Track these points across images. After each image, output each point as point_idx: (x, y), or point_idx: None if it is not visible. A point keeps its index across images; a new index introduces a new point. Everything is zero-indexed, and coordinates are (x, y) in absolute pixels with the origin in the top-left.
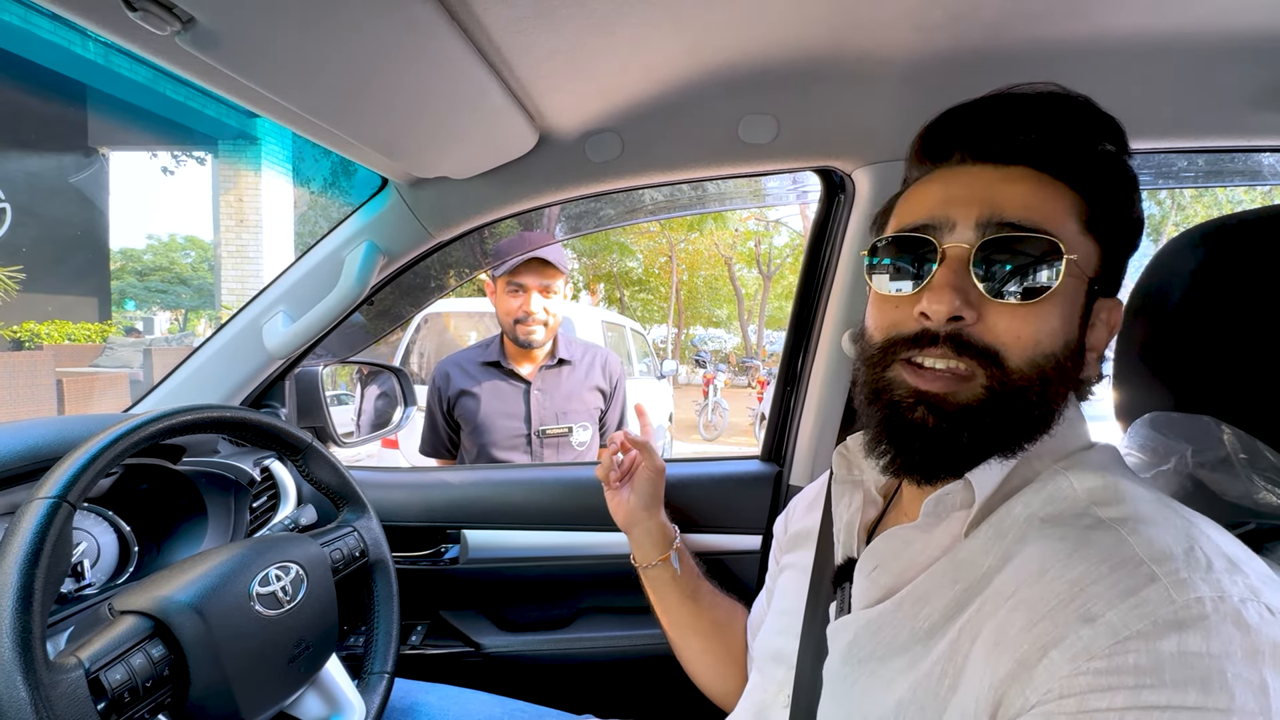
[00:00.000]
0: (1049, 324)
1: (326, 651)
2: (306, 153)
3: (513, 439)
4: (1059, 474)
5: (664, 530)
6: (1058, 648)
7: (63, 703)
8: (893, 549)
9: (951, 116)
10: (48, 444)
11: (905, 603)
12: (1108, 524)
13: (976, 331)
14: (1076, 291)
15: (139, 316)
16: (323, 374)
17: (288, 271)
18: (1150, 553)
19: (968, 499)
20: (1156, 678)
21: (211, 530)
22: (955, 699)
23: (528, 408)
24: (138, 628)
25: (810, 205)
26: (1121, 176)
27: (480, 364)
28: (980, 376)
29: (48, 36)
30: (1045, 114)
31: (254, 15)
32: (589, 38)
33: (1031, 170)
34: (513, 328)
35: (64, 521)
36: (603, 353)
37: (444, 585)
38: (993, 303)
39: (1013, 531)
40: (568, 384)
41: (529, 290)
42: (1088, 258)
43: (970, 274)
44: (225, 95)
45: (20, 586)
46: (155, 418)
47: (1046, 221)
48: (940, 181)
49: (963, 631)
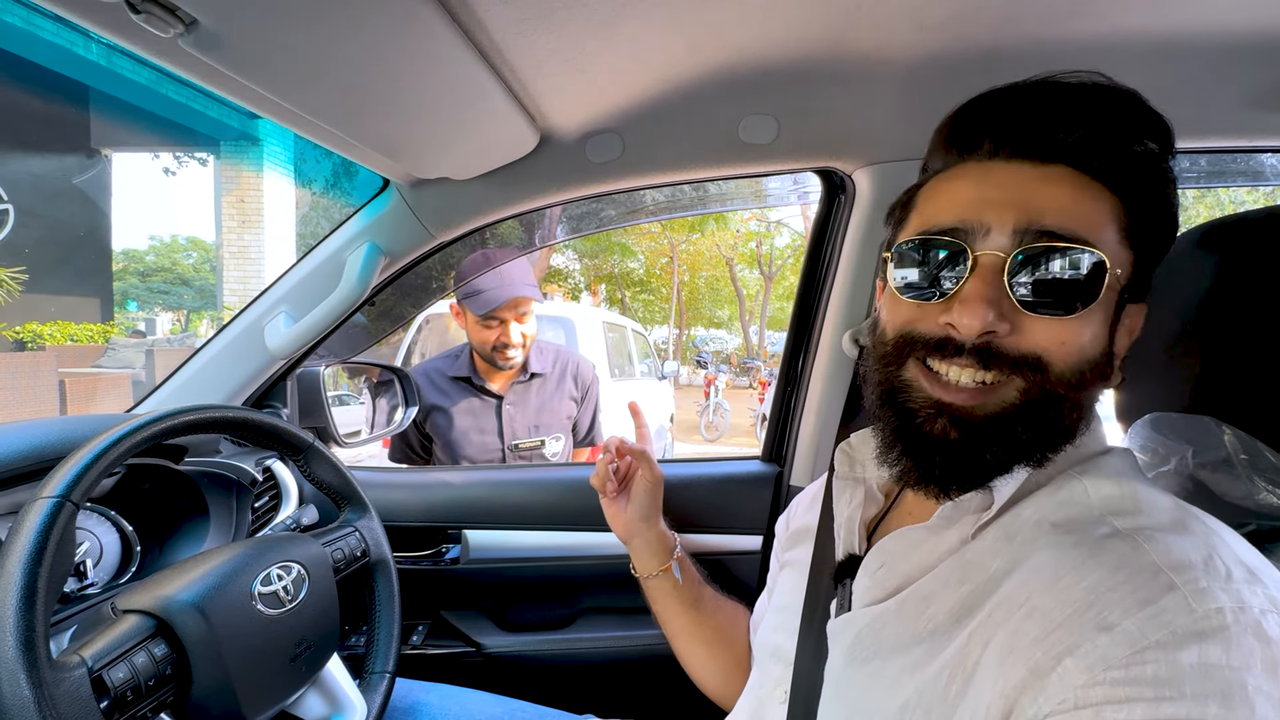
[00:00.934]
0: (1091, 331)
1: (328, 651)
2: (308, 154)
3: (486, 454)
4: (1073, 478)
5: (664, 539)
6: (1073, 656)
7: (66, 701)
8: (902, 549)
9: (985, 104)
10: (50, 444)
11: (909, 602)
12: (1124, 533)
13: (1011, 342)
14: (1111, 300)
15: (141, 317)
16: (324, 374)
17: (289, 272)
18: (1168, 561)
19: (984, 503)
20: (1176, 689)
21: (213, 530)
22: (964, 704)
23: (500, 423)
24: (140, 627)
25: (812, 206)
26: (1163, 180)
27: (450, 379)
28: (1016, 381)
29: (50, 38)
30: (1090, 109)
31: (256, 17)
32: (590, 38)
33: (1071, 170)
34: (490, 354)
35: (67, 521)
36: (574, 360)
37: (445, 585)
38: (1029, 315)
39: (1021, 535)
40: (539, 397)
41: (506, 322)
42: (1125, 266)
43: (1005, 284)
44: (227, 96)
45: (24, 585)
46: (157, 418)
47: (1088, 230)
48: (972, 179)
49: (973, 637)
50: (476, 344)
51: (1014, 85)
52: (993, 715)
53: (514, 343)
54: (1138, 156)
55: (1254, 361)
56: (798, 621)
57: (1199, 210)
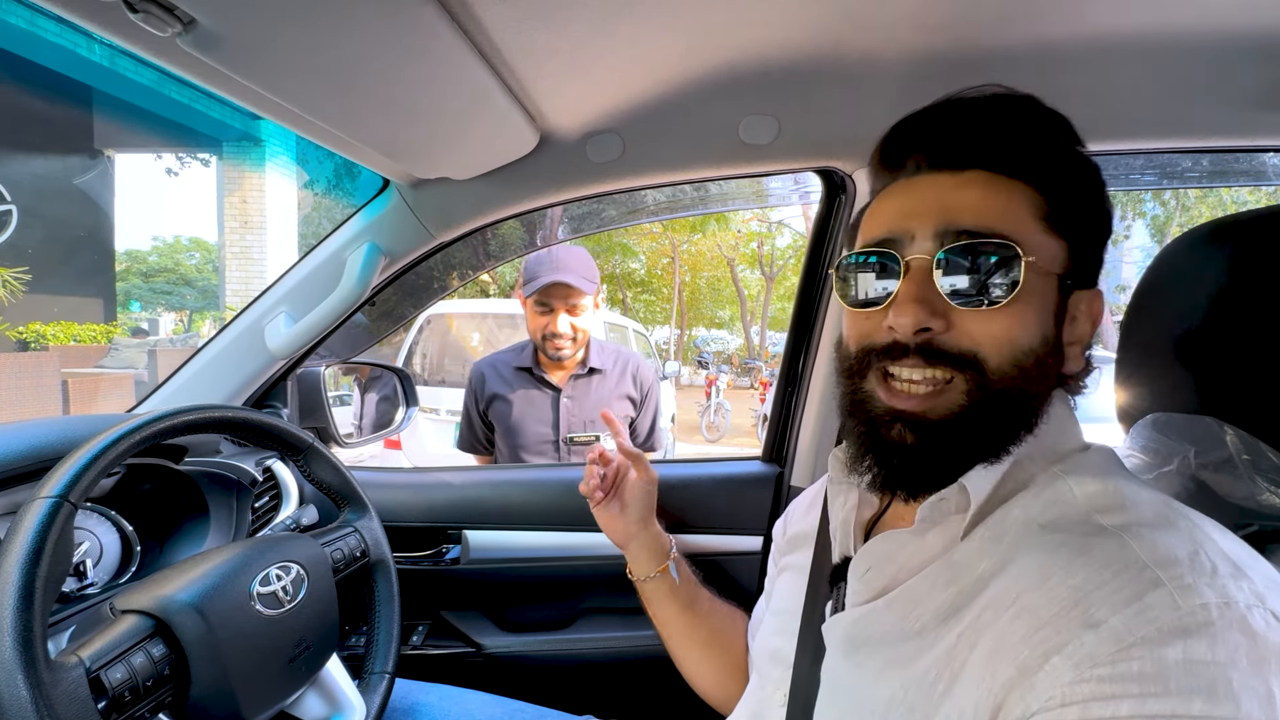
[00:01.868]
0: (1022, 321)
1: (327, 651)
2: (310, 154)
3: (542, 444)
4: (1057, 478)
5: (660, 541)
6: (1060, 654)
7: (63, 701)
8: (887, 551)
9: (904, 126)
10: (50, 444)
11: (896, 602)
12: (1110, 530)
13: (949, 338)
14: (1046, 288)
15: (144, 317)
16: (325, 374)
17: (290, 272)
18: (1154, 557)
19: (963, 503)
20: (1161, 685)
21: (213, 530)
22: (949, 702)
23: (556, 415)
24: (139, 627)
25: (813, 206)
26: (1078, 169)
27: (514, 368)
28: (959, 382)
29: (52, 39)
30: (993, 115)
31: (255, 16)
32: (590, 38)
33: (985, 173)
34: (541, 344)
35: (65, 521)
36: (635, 360)
37: (445, 585)
38: (961, 310)
39: (1009, 536)
40: (598, 392)
41: (556, 310)
42: (1052, 254)
43: (934, 284)
44: (227, 96)
45: (21, 585)
46: (157, 418)
47: (1001, 223)
48: (899, 193)
49: (961, 638)
50: (530, 330)
51: (927, 108)
52: (981, 714)
53: (562, 334)
54: (1045, 149)
55: (1259, 362)
56: (796, 624)
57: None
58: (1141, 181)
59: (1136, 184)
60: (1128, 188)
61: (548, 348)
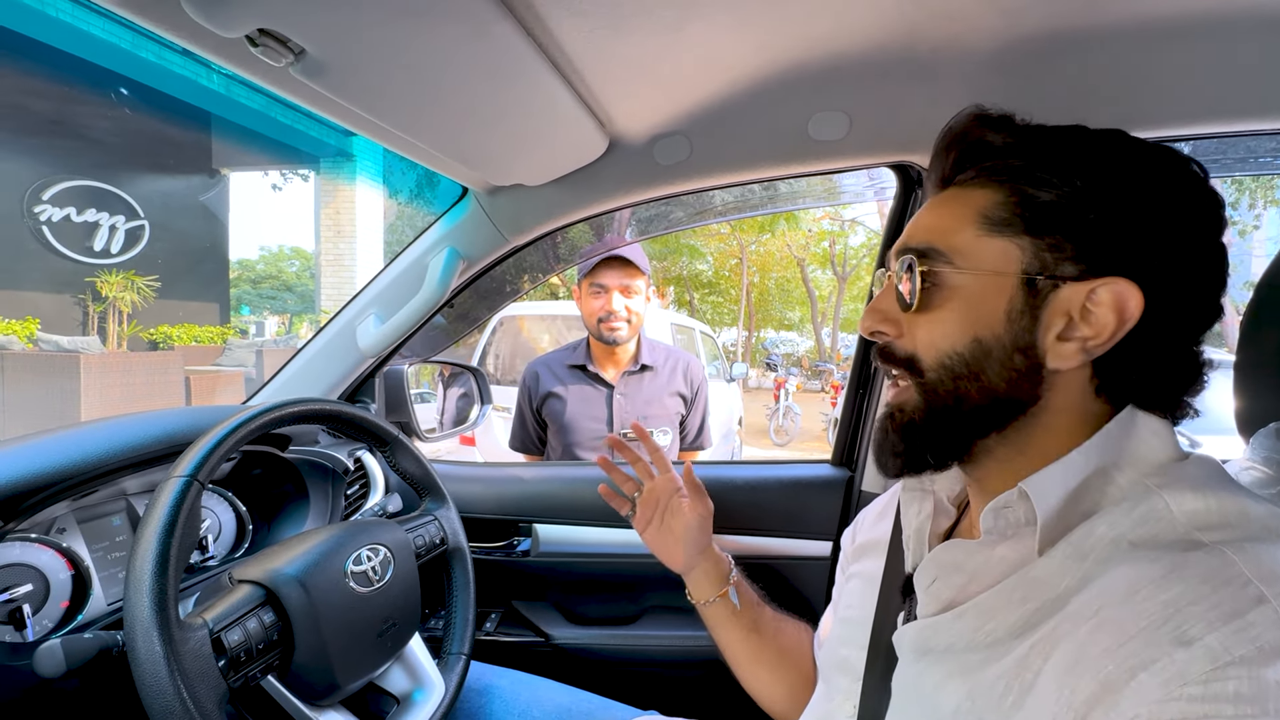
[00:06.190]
0: (944, 325)
1: (410, 630)
2: (395, 167)
3: (595, 440)
4: (1151, 493)
5: (719, 566)
6: (1148, 670)
7: (190, 657)
8: (954, 562)
9: None
10: (180, 430)
11: (968, 615)
12: (1211, 546)
13: (900, 344)
14: (986, 289)
15: (252, 320)
16: (408, 372)
17: (378, 277)
18: (1259, 572)
19: (1030, 513)
20: (1259, 706)
21: (313, 512)
22: (1019, 715)
23: (610, 411)
24: (252, 595)
25: (888, 203)
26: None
27: (567, 366)
28: (910, 382)
29: (178, 71)
30: (953, 135)
31: (354, 45)
32: (657, 43)
33: (950, 190)
34: (596, 327)
35: (195, 498)
36: (685, 358)
37: (516, 576)
38: (911, 316)
39: (1095, 553)
40: (649, 389)
41: (610, 290)
42: (996, 254)
43: (894, 296)
44: (328, 117)
45: (158, 553)
46: (270, 408)
47: (935, 235)
48: None
49: (1034, 649)
50: (586, 318)
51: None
52: None
53: (617, 312)
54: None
55: None
56: (865, 634)
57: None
58: (1273, 165)
59: (1267, 168)
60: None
61: (603, 330)
